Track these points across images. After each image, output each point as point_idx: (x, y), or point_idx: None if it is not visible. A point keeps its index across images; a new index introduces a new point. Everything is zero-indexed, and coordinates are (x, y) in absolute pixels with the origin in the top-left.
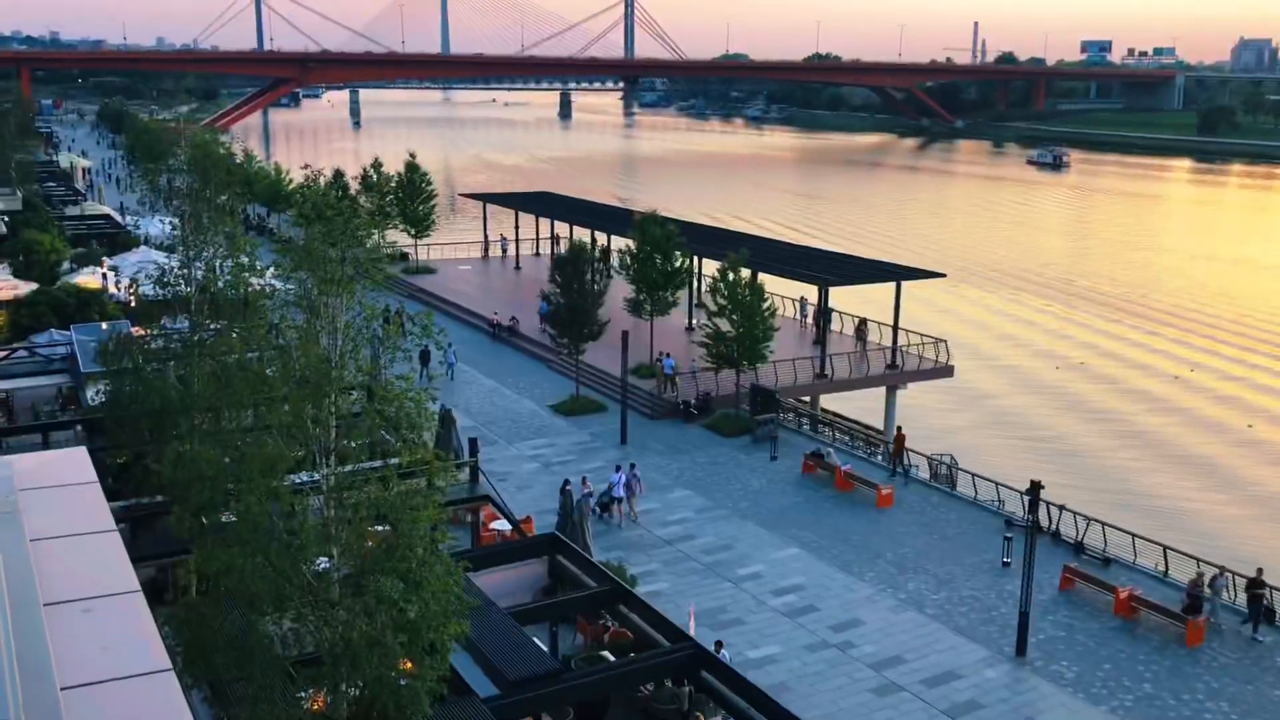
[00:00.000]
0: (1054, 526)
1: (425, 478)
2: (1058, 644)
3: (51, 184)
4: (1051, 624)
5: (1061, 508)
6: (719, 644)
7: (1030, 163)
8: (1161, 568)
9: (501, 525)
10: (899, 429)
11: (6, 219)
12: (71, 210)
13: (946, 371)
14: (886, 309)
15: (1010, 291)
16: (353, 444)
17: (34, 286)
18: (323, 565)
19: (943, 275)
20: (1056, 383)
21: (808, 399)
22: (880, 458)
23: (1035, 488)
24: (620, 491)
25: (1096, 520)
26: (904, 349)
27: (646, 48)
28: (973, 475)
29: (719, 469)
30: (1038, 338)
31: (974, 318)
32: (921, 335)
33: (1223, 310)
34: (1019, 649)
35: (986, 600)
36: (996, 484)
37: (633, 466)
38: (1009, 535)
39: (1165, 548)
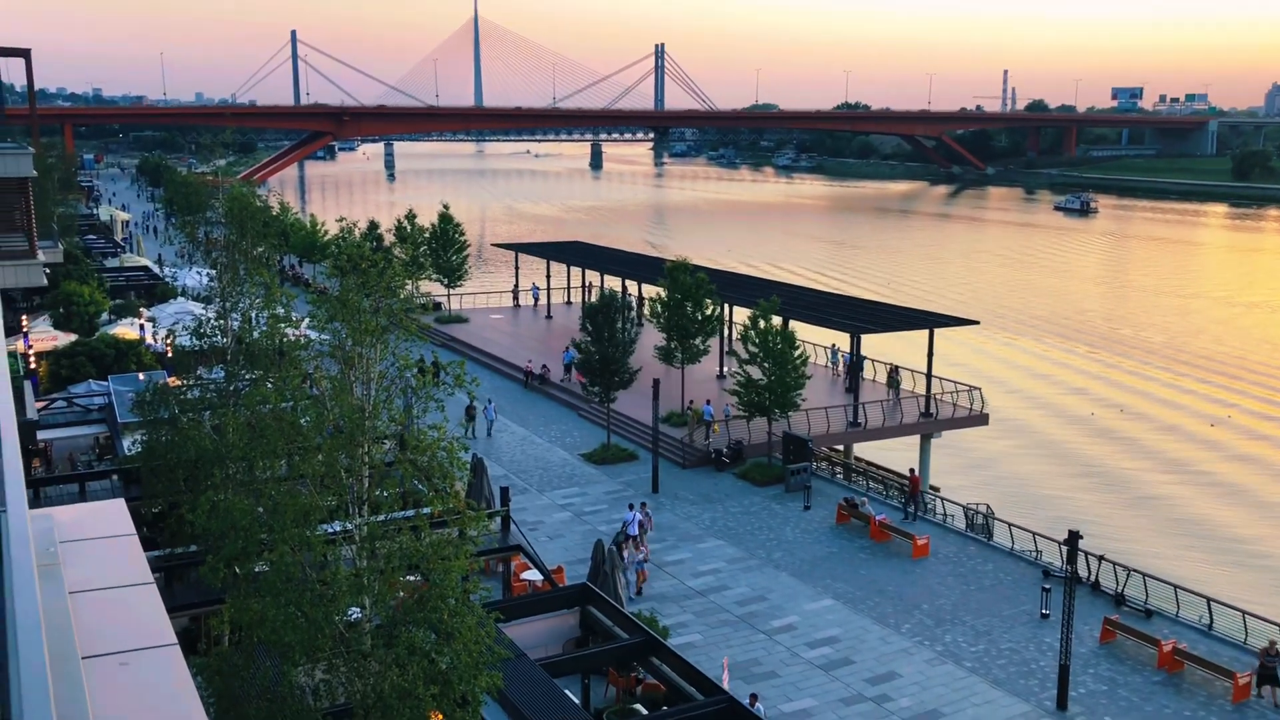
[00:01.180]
0: (1093, 577)
1: (457, 527)
2: (1099, 698)
3: (92, 237)
4: (1093, 677)
5: (1101, 558)
6: (753, 697)
7: (1058, 209)
8: (1206, 620)
9: (533, 575)
10: (912, 471)
11: (48, 271)
12: (111, 262)
13: (981, 420)
14: (919, 356)
15: (1042, 338)
16: (385, 493)
17: (73, 338)
18: (354, 616)
19: (976, 322)
20: (1093, 431)
21: (841, 447)
22: (913, 507)
23: (1073, 538)
24: (634, 530)
25: (1137, 571)
26: (938, 397)
27: (676, 99)
28: (1009, 525)
29: (751, 518)
30: (1072, 385)
31: (1007, 365)
32: (955, 383)
33: (1259, 356)
34: (1060, 703)
35: (1025, 653)
36: (1034, 534)
37: (643, 505)
38: (1047, 586)
39: (1209, 600)
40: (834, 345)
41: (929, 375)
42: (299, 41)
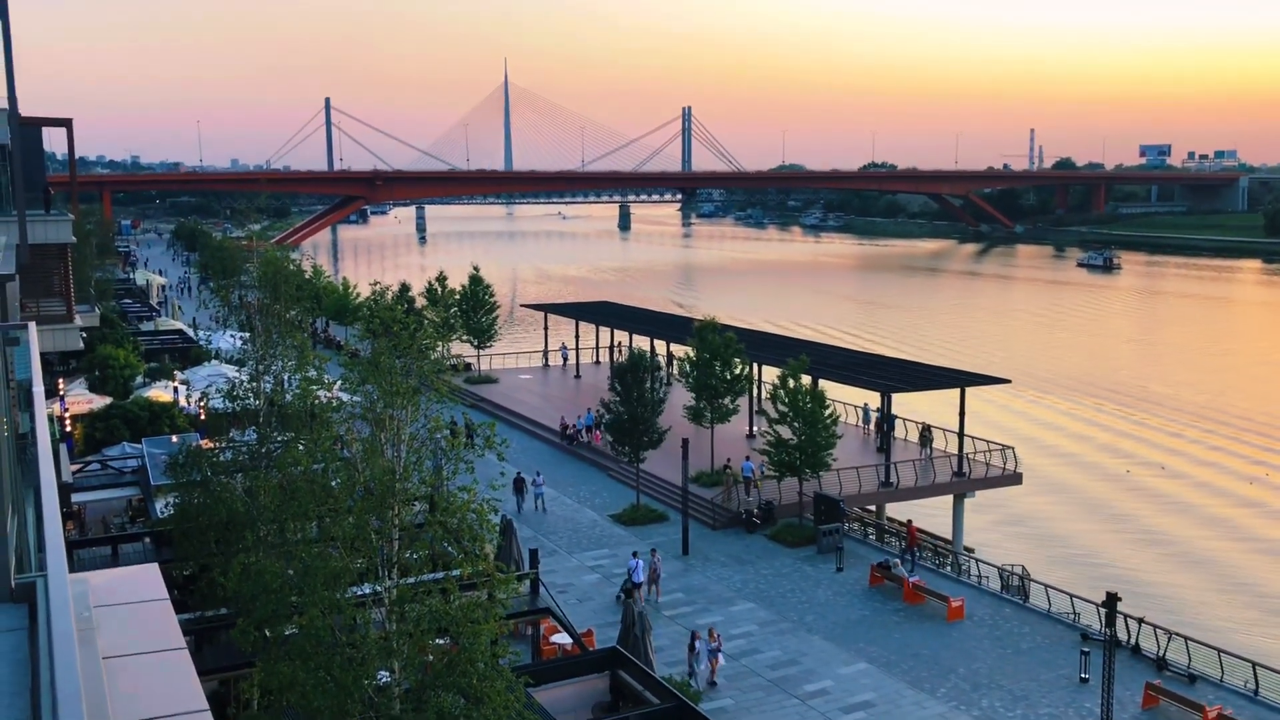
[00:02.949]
0: (1133, 640)
1: (486, 590)
2: None
3: (128, 301)
4: None
5: (1140, 620)
6: None
7: (1081, 265)
8: (1252, 686)
9: (562, 639)
10: (909, 522)
11: (85, 335)
12: (146, 326)
13: (1015, 479)
14: (951, 415)
15: (1075, 397)
16: (414, 555)
17: (108, 400)
18: (384, 679)
19: (1007, 381)
20: (1130, 490)
21: (873, 508)
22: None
23: (1112, 600)
24: (640, 576)
25: (1179, 634)
26: (970, 456)
27: (703, 160)
28: (1046, 586)
29: (783, 581)
30: (1106, 444)
31: (1040, 424)
32: (988, 442)
33: None
34: None
35: (1065, 719)
36: (1071, 595)
37: (653, 552)
38: (1086, 649)
39: (1255, 664)
40: (865, 404)
41: (961, 434)
42: (333, 108)
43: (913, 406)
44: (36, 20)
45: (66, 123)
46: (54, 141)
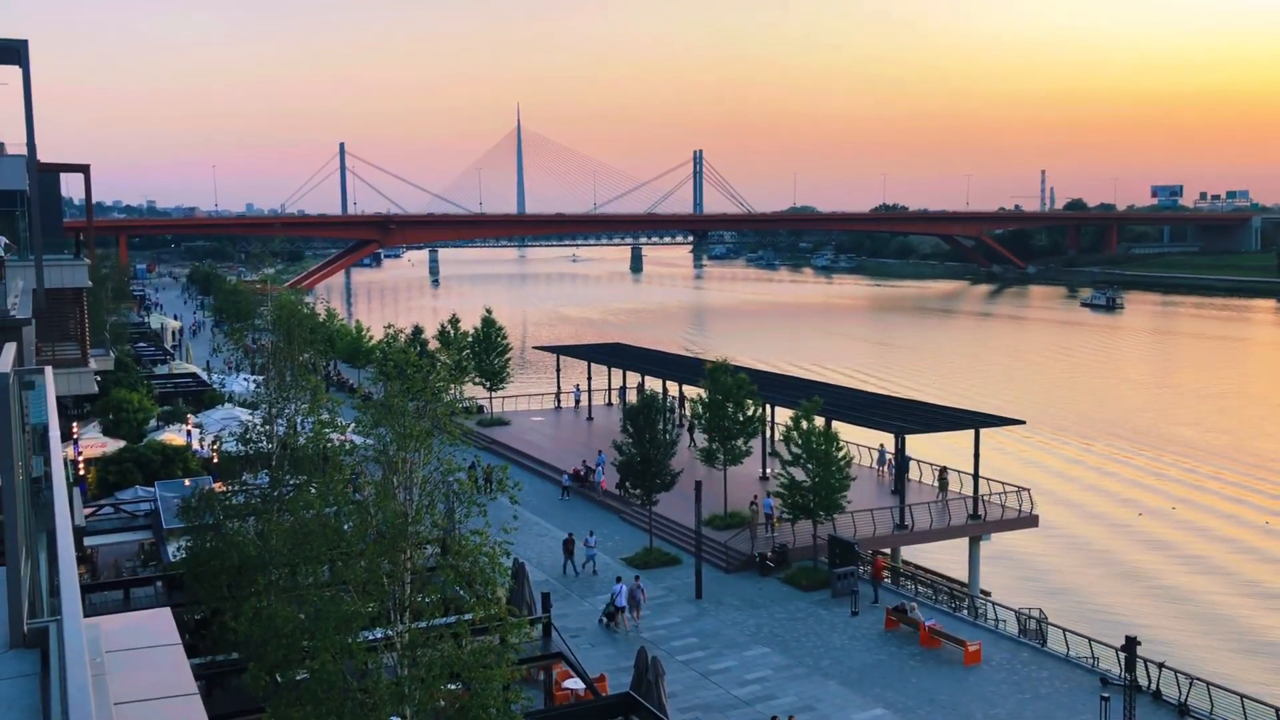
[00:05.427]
0: (1154, 686)
1: (498, 635)
2: None
3: (142, 344)
4: None
5: (1161, 665)
6: None
7: (1084, 304)
8: None
9: (575, 684)
10: (874, 553)
11: (99, 378)
12: (160, 369)
13: (1031, 521)
14: (965, 457)
15: (1088, 437)
16: (426, 599)
17: (122, 444)
18: None
19: (1022, 422)
20: (1146, 532)
21: (888, 551)
22: (965, 612)
23: (1131, 644)
24: (622, 601)
25: (1200, 679)
26: (986, 498)
27: (715, 202)
28: (1064, 630)
29: (798, 625)
30: (1123, 485)
31: (1056, 465)
32: (1004, 484)
33: None
34: None
35: None
36: (1089, 639)
37: (636, 579)
38: (1106, 695)
39: (1278, 710)
40: (881, 445)
41: (976, 476)
42: (347, 153)
43: (927, 448)
44: (55, 69)
45: (84, 169)
46: (71, 187)
